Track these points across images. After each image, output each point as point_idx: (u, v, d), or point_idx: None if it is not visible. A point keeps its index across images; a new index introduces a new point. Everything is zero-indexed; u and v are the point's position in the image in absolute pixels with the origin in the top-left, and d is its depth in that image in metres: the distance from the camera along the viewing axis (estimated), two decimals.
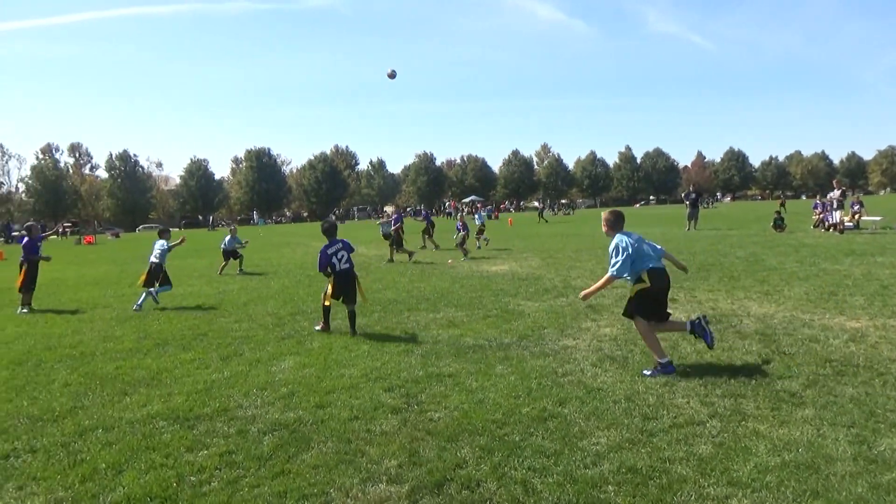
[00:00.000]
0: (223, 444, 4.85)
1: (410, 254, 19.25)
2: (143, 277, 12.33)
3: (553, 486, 3.94)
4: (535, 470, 4.15)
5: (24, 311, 12.11)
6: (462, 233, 19.92)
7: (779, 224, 24.26)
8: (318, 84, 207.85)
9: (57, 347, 8.65)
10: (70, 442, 5.05)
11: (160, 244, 12.42)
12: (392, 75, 11.13)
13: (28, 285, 12.52)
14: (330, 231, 8.99)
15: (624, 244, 6.22)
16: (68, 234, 66.94)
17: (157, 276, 12.12)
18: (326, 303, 8.80)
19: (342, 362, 7.10)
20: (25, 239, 12.99)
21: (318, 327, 8.94)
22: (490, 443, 4.62)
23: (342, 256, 8.75)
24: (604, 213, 6.65)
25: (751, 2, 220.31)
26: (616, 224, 6.49)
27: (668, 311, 6.56)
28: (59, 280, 18.23)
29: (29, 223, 14.37)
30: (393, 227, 19.77)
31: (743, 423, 4.78)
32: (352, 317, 8.71)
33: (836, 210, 22.68)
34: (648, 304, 6.27)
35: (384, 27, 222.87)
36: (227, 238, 19.37)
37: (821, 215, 24.54)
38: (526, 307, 9.99)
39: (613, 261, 6.24)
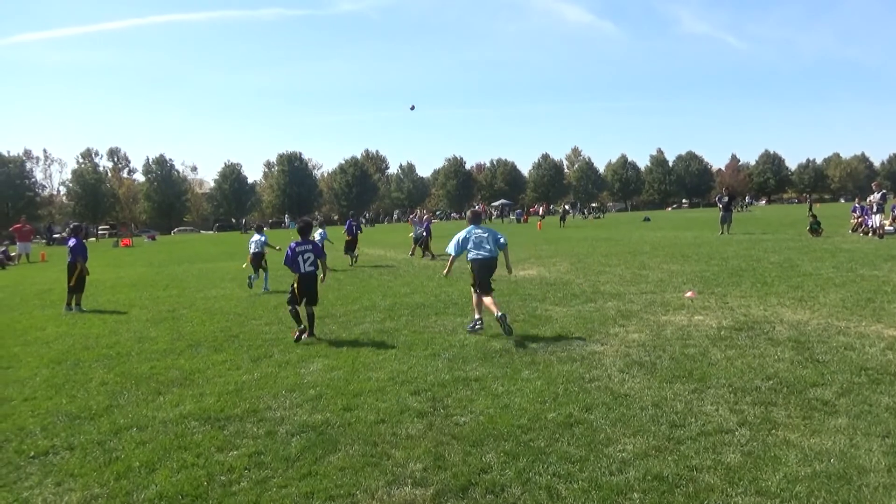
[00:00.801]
0: (252, 444, 4.95)
1: (353, 260, 20.60)
2: (247, 262, 15.04)
3: (578, 492, 3.93)
4: (560, 476, 4.15)
5: (72, 310, 12.52)
6: (425, 236, 22.11)
7: (815, 228, 23.74)
8: (349, 88, 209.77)
9: (94, 347, 8.91)
10: (106, 440, 5.20)
11: (259, 238, 14.97)
12: (412, 109, 12.15)
13: (81, 286, 12.89)
14: (303, 231, 9.15)
15: (462, 235, 8.99)
16: (107, 236, 68.58)
17: (261, 261, 14.68)
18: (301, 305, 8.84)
19: (370, 365, 7.17)
20: (74, 241, 13.25)
21: (294, 337, 8.69)
22: (515, 448, 4.63)
23: (308, 258, 8.80)
24: (468, 212, 9.61)
25: (787, 1, 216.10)
26: (472, 221, 9.26)
27: (491, 289, 8.91)
28: (97, 282, 18.70)
29: (75, 223, 14.69)
30: (347, 235, 21.23)
31: (773, 431, 4.71)
32: (310, 318, 8.80)
33: (875, 214, 22.07)
34: (473, 280, 8.97)
35: (413, 31, 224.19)
36: (319, 231, 20.18)
37: (859, 219, 23.95)
38: (554, 312, 9.95)
39: (450, 244, 8.95)
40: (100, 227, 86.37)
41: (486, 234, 9.00)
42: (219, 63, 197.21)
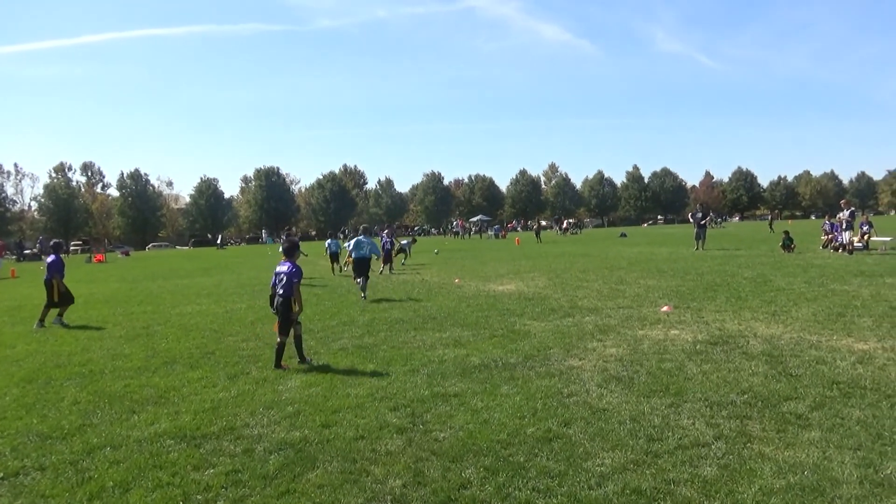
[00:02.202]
0: (229, 462, 4.88)
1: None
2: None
3: None
4: (539, 491, 4.16)
5: (43, 326, 12.35)
6: (388, 248, 24.06)
7: (787, 245, 24.19)
8: (328, 104, 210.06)
9: (66, 365, 8.73)
10: (78, 460, 5.10)
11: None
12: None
13: (62, 302, 12.76)
14: (287, 252, 8.67)
15: (353, 241, 15.81)
16: (79, 252, 67.43)
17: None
18: (275, 329, 8.32)
19: (348, 382, 7.13)
20: (53, 257, 13.20)
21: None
22: (495, 463, 4.63)
23: (282, 279, 8.18)
24: (360, 227, 17.00)
25: (758, 22, 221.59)
26: (361, 233, 16.10)
27: (366, 275, 15.18)
28: None
29: (56, 240, 14.57)
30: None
31: (748, 444, 4.77)
32: (295, 339, 8.21)
33: (845, 230, 22.56)
34: (353, 269, 15.66)
35: (392, 48, 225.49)
36: (329, 241, 23.99)
37: (830, 236, 24.45)
38: (532, 327, 10.00)
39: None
40: (72, 243, 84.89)
41: (365, 242, 15.61)
42: (196, 77, 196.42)
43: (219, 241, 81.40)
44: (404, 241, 29.27)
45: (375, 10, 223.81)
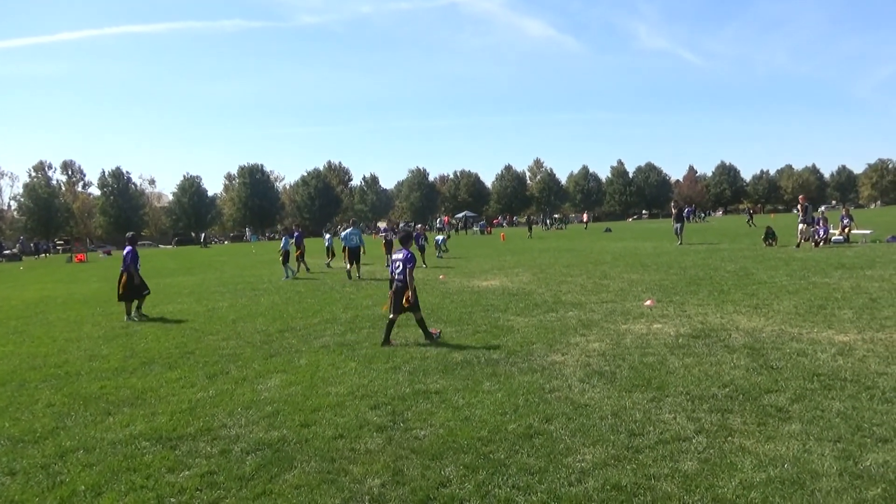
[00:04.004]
0: (205, 464, 4.79)
1: (286, 273, 21.02)
2: (280, 257, 21.38)
3: None
4: (519, 488, 4.11)
5: (132, 318, 12.59)
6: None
7: (769, 238, 24.36)
8: (312, 100, 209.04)
9: (42, 367, 8.57)
10: (50, 464, 4.98)
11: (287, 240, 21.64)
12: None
13: (128, 294, 12.83)
14: (402, 240, 9.26)
15: (344, 233, 19.29)
16: (60, 251, 66.53)
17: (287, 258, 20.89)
18: (384, 309, 8.94)
19: (329, 380, 7.05)
20: (128, 248, 13.27)
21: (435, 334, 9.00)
22: (475, 460, 4.58)
23: (398, 266, 8.75)
24: (350, 220, 23.73)
25: (740, 18, 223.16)
26: (351, 225, 20.31)
27: (358, 263, 18.40)
28: (48, 298, 18.10)
29: (131, 232, 14.73)
30: (291, 244, 21.96)
31: (729, 438, 4.76)
32: (420, 324, 8.83)
33: (800, 223, 22.98)
34: (344, 257, 19.05)
35: (376, 44, 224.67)
36: (327, 236, 26.57)
37: (812, 229, 24.66)
38: (515, 322, 9.96)
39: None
40: (55, 243, 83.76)
41: (354, 234, 19.02)
42: (177, 74, 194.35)
43: (202, 240, 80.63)
44: (439, 238, 28.55)
45: (359, 7, 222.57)
